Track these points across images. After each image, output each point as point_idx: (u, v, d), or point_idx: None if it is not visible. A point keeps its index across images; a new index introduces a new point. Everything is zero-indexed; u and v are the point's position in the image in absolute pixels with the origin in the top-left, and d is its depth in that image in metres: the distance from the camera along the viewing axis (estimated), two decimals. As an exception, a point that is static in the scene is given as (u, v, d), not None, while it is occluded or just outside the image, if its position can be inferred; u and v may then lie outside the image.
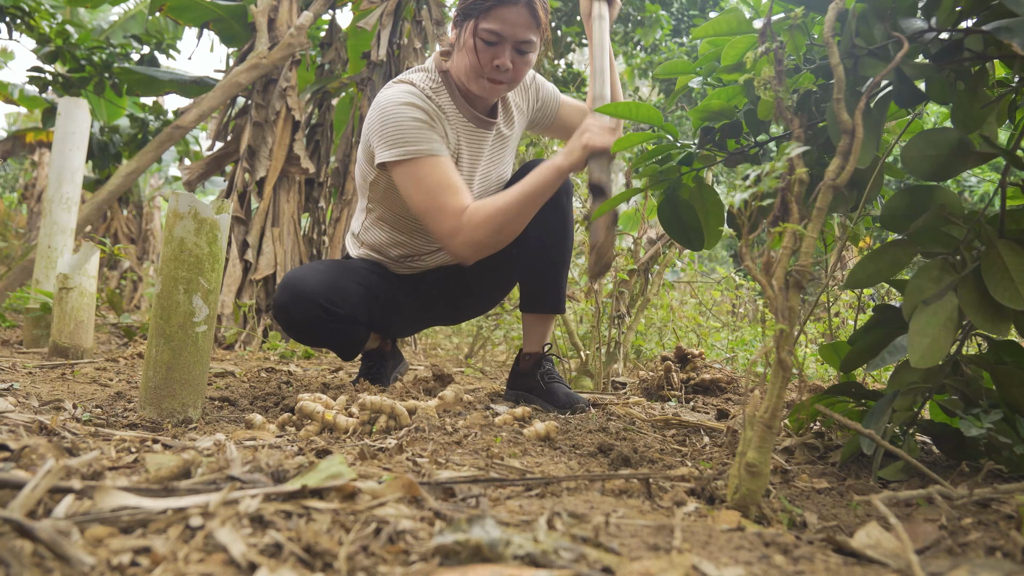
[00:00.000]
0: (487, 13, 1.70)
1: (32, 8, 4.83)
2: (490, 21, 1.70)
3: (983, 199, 6.58)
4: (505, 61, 1.74)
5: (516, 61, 1.76)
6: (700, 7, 9.01)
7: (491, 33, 1.71)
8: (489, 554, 0.60)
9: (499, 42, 1.73)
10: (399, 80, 1.84)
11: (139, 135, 6.12)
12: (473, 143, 1.92)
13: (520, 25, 1.71)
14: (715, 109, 1.37)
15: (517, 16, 1.70)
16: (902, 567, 0.70)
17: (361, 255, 2.11)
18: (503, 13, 1.69)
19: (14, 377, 2.02)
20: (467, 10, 1.75)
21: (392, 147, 1.74)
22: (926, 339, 1.10)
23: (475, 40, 1.73)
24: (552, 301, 2.02)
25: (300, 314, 1.86)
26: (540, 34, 1.76)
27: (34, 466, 0.78)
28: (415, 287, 2.10)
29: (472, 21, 1.73)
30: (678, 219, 1.50)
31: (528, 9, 1.71)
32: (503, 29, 1.71)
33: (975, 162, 1.16)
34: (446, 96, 1.87)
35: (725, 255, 13.00)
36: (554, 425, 1.41)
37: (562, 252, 1.98)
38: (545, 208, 1.90)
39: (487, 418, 1.45)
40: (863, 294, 2.64)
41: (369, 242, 2.07)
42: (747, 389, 1.13)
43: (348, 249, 2.19)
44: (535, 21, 1.73)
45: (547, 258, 1.97)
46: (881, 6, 1.12)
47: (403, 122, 1.74)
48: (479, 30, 1.72)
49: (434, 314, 2.21)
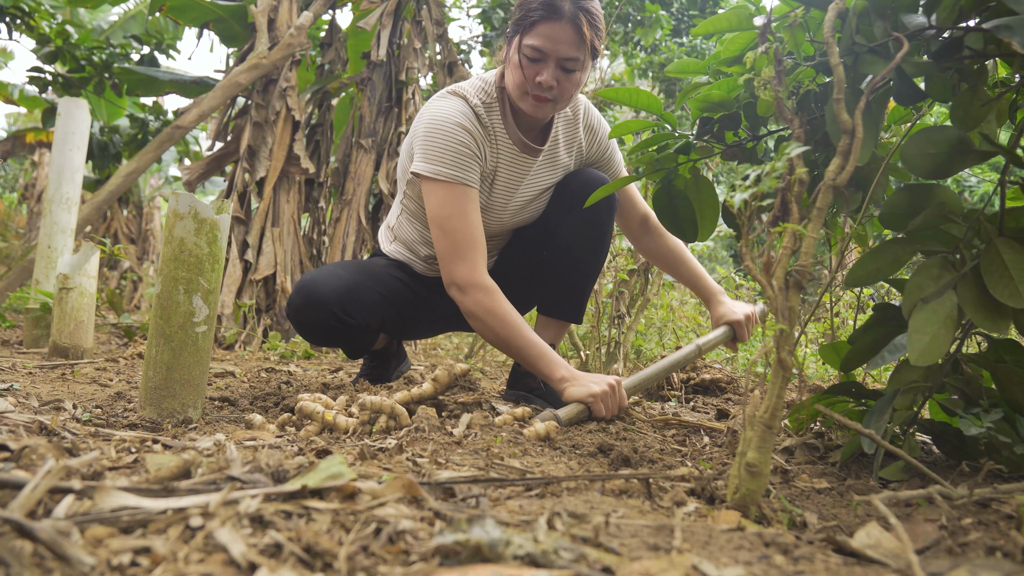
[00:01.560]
0: (531, 29, 1.69)
1: (32, 8, 4.83)
2: (533, 37, 1.69)
3: (983, 199, 6.57)
4: (548, 79, 1.71)
5: (560, 79, 1.73)
6: (700, 7, 9.01)
7: (534, 49, 1.69)
8: (489, 554, 0.60)
9: (542, 59, 1.70)
10: (455, 91, 1.82)
11: (139, 135, 6.12)
12: (513, 168, 1.90)
13: (563, 42, 1.68)
14: (715, 100, 1.37)
15: (561, 33, 1.68)
16: (902, 567, 0.70)
17: (393, 251, 2.10)
18: (546, 29, 1.67)
19: (14, 377, 2.02)
20: (515, 25, 1.74)
21: (429, 161, 1.74)
22: (925, 337, 1.09)
23: (520, 56, 1.72)
24: (571, 310, 2.02)
25: (311, 319, 1.86)
26: (588, 52, 1.73)
27: (34, 466, 0.78)
28: (439, 292, 2.09)
29: (518, 37, 1.72)
30: (673, 210, 1.50)
31: (572, 26, 1.68)
32: (546, 46, 1.68)
33: (975, 160, 1.16)
34: (497, 115, 1.85)
35: (725, 255, 13.00)
36: (554, 425, 1.41)
37: (592, 265, 1.97)
38: (583, 216, 1.90)
39: (487, 418, 1.45)
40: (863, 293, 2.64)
41: (402, 236, 2.07)
42: (747, 389, 1.13)
43: (380, 240, 2.18)
44: (580, 38, 1.69)
45: (576, 268, 1.97)
46: (882, 3, 1.12)
47: (447, 141, 1.74)
48: (523, 46, 1.70)
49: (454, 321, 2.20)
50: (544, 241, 1.98)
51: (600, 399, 1.60)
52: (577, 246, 1.93)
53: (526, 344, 1.68)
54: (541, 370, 1.67)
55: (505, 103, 1.86)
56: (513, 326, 1.68)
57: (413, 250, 2.06)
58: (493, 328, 1.69)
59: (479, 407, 1.70)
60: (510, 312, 1.69)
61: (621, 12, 7.44)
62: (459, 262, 1.71)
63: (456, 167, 1.73)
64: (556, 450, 1.30)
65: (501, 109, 1.86)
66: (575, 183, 1.95)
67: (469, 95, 1.81)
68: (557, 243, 1.94)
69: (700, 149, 1.44)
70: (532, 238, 2.02)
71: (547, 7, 1.67)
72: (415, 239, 2.03)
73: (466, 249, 1.71)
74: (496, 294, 1.70)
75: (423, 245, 2.03)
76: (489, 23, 7.34)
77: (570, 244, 1.93)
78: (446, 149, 1.73)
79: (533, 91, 1.74)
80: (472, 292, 1.70)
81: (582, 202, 1.91)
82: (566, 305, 2.00)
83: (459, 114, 1.76)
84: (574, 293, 1.99)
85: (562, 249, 1.94)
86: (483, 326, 1.71)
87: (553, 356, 1.68)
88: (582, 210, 1.89)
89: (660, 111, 1.40)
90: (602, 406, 1.60)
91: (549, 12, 1.67)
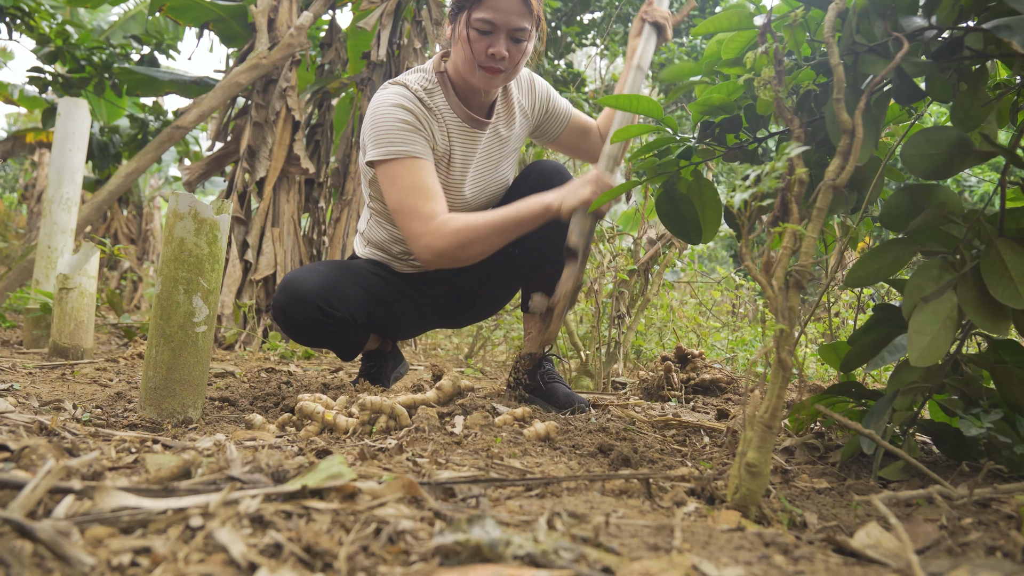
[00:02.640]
0: (480, 3, 1.73)
1: (32, 8, 4.83)
2: (482, 11, 1.72)
3: (983, 199, 6.58)
4: (500, 49, 1.75)
5: (511, 49, 1.78)
6: (700, 7, 9.00)
7: (484, 22, 1.73)
8: (489, 554, 0.60)
9: (493, 31, 1.74)
10: (394, 81, 1.87)
11: (139, 135, 6.13)
12: (466, 143, 1.94)
13: (513, 13, 1.73)
14: (715, 103, 1.37)
15: (509, 4, 1.72)
16: (902, 567, 0.70)
17: (367, 254, 2.12)
18: (495, 2, 1.72)
19: (14, 377, 2.02)
20: (460, 2, 1.77)
21: (377, 146, 1.78)
22: (925, 337, 1.09)
23: (468, 31, 1.75)
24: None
25: (297, 315, 1.86)
26: (534, 22, 1.77)
27: (34, 466, 0.78)
28: (418, 289, 2.10)
29: (465, 13, 1.75)
30: (676, 213, 1.50)
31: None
32: (496, 18, 1.73)
33: (975, 161, 1.16)
34: (440, 96, 1.89)
35: (725, 255, 13.00)
36: (554, 425, 1.41)
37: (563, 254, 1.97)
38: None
39: (487, 418, 1.45)
40: (863, 294, 2.64)
41: (373, 239, 2.09)
42: (747, 389, 1.13)
43: (356, 247, 2.20)
44: (528, 8, 1.74)
45: (551, 259, 1.96)
46: (882, 3, 1.12)
47: (389, 123, 1.78)
48: (472, 20, 1.74)
49: (436, 317, 2.21)
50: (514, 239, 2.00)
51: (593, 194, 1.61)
52: (547, 241, 1.94)
53: (504, 219, 1.68)
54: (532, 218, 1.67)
55: (447, 84, 1.90)
56: (483, 220, 1.69)
57: (386, 249, 2.08)
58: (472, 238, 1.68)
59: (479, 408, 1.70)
60: (469, 216, 1.70)
61: (621, 12, 7.43)
62: (413, 222, 1.72)
63: (400, 143, 1.76)
64: (556, 450, 1.30)
65: (444, 90, 1.90)
66: (532, 176, 1.99)
67: (409, 82, 1.86)
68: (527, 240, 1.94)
69: (701, 152, 1.44)
70: None
71: None
72: (386, 238, 2.06)
73: (418, 211, 1.72)
74: (449, 217, 1.70)
75: (394, 243, 2.05)
76: (489, 23, 7.32)
77: (540, 240, 1.94)
78: (388, 129, 1.77)
79: (485, 63, 1.78)
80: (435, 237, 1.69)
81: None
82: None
83: (397, 96, 1.81)
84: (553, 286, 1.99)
85: (534, 246, 1.95)
86: (466, 248, 1.70)
87: (528, 203, 1.68)
88: None
89: (661, 116, 1.40)
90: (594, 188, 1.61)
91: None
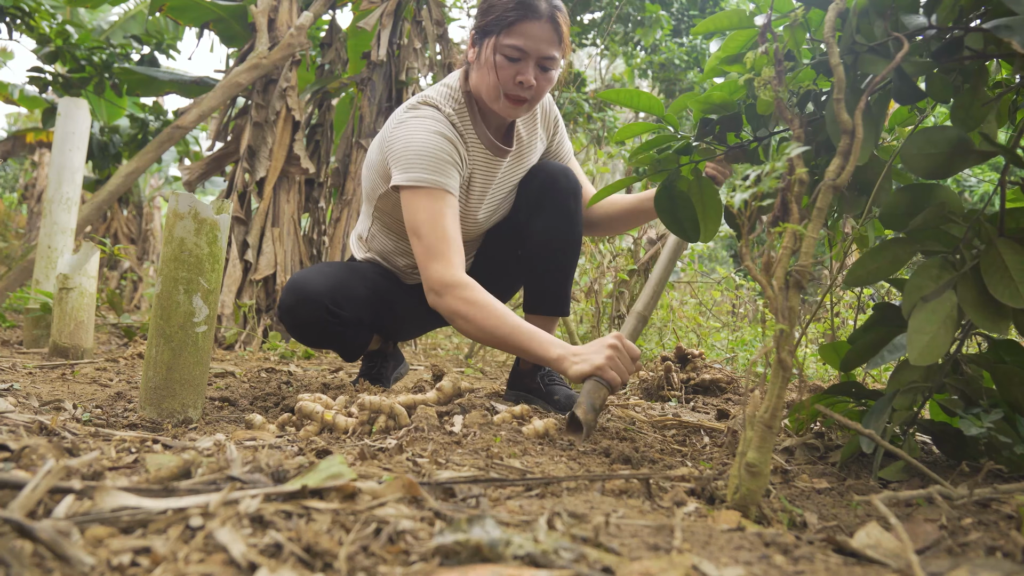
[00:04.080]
0: (509, 29, 1.67)
1: (32, 8, 4.83)
2: (513, 37, 1.67)
3: (983, 199, 6.58)
4: (528, 78, 1.69)
5: (539, 78, 1.72)
6: (700, 7, 9.00)
7: (514, 49, 1.67)
8: (489, 554, 0.60)
9: (522, 58, 1.69)
10: (426, 102, 1.79)
11: (139, 135, 6.13)
12: (487, 170, 1.90)
13: (544, 40, 1.68)
14: (716, 102, 1.37)
15: (540, 31, 1.66)
16: (902, 567, 0.70)
17: (367, 257, 2.10)
18: (526, 28, 1.66)
19: (14, 377, 2.02)
20: (487, 27, 1.71)
21: (410, 171, 1.70)
22: (925, 337, 1.09)
23: (496, 57, 1.69)
24: (556, 304, 2.00)
25: (305, 316, 1.86)
26: (562, 51, 1.72)
27: (34, 466, 0.78)
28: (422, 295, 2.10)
29: (493, 38, 1.69)
30: (675, 211, 1.50)
31: (551, 24, 1.67)
32: (526, 45, 1.67)
33: (975, 160, 1.16)
34: (467, 119, 1.83)
35: (725, 255, 13.00)
36: (553, 422, 1.41)
37: (568, 255, 1.96)
38: (552, 209, 1.89)
39: (485, 417, 1.45)
40: (863, 293, 2.64)
41: (376, 249, 2.07)
42: (747, 389, 1.13)
43: (353, 251, 2.18)
44: (558, 36, 1.69)
45: (552, 260, 1.96)
46: (882, 3, 1.12)
47: (429, 150, 1.70)
48: (501, 46, 1.68)
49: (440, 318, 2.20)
50: (517, 239, 1.97)
51: (609, 367, 1.45)
52: (552, 240, 1.92)
53: (513, 330, 1.57)
54: (535, 352, 1.55)
55: (473, 106, 1.84)
56: (497, 314, 1.59)
57: (390, 261, 2.06)
58: (477, 320, 1.60)
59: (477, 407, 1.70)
60: (491, 301, 1.61)
61: (621, 12, 7.43)
62: (434, 262, 1.66)
63: (436, 172, 1.70)
64: (556, 450, 1.30)
65: (470, 113, 1.84)
66: (539, 177, 1.95)
67: (440, 104, 1.79)
68: (531, 240, 1.93)
69: (702, 151, 1.44)
70: (505, 237, 2.02)
71: (525, 6, 1.66)
72: (391, 250, 2.03)
73: (441, 250, 1.66)
74: (474, 286, 1.63)
75: (399, 256, 2.03)
76: (489, 23, 7.32)
77: (544, 239, 1.92)
78: (426, 157, 1.70)
79: (512, 91, 1.72)
80: (448, 292, 1.63)
81: (549, 197, 1.92)
82: (550, 300, 1.99)
83: (436, 123, 1.74)
84: (556, 287, 1.98)
85: (537, 245, 1.93)
86: (467, 323, 1.62)
87: (544, 336, 1.57)
88: (550, 204, 1.89)
89: (661, 113, 1.40)
90: (614, 374, 1.45)
91: (528, 11, 1.66)
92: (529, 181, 1.98)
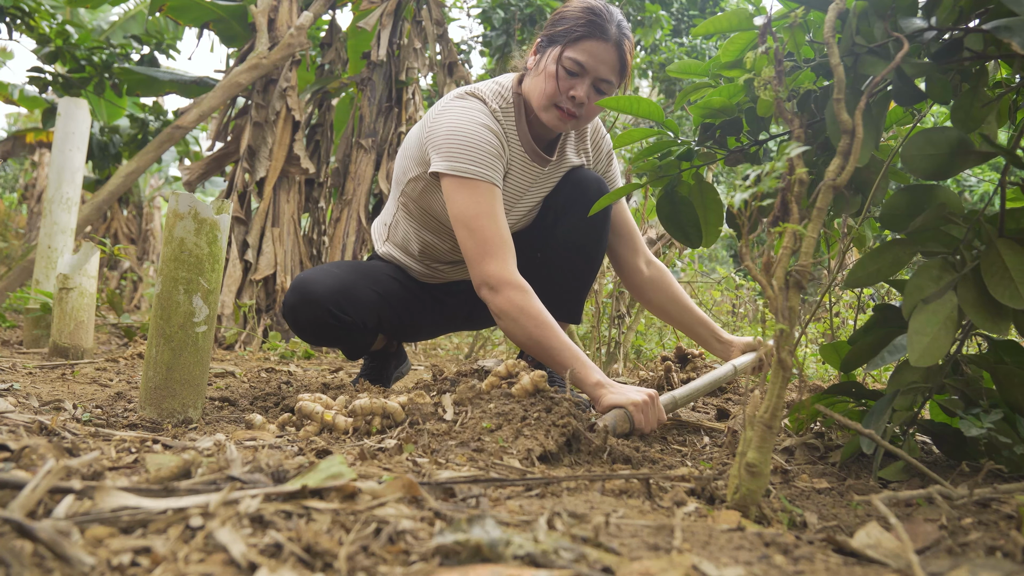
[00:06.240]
0: (576, 43, 1.68)
1: (32, 8, 4.83)
2: (577, 51, 1.68)
3: (983, 199, 6.58)
4: (581, 94, 1.70)
5: (591, 97, 1.73)
6: (700, 7, 9.01)
7: (575, 63, 1.68)
8: (489, 554, 0.60)
9: (581, 74, 1.70)
10: (472, 93, 1.79)
11: (139, 135, 6.13)
12: (523, 175, 1.89)
13: (605, 62, 1.69)
14: (716, 106, 1.37)
15: (605, 52, 1.68)
16: (902, 567, 0.70)
17: (386, 252, 2.08)
18: (592, 46, 1.67)
19: (14, 377, 2.02)
20: (555, 36, 1.72)
21: (454, 160, 1.68)
22: (925, 338, 1.09)
23: (557, 67, 1.70)
24: (569, 312, 1.99)
25: (307, 316, 1.85)
26: (620, 78, 1.73)
27: (34, 466, 0.78)
28: (435, 297, 2.07)
29: (558, 48, 1.70)
30: (677, 216, 1.50)
31: (617, 49, 1.69)
32: (588, 62, 1.68)
33: (975, 161, 1.16)
34: (512, 120, 1.83)
35: (725, 255, 13.00)
36: (539, 375, 1.38)
37: (589, 263, 1.94)
38: (578, 219, 1.88)
39: (473, 387, 1.43)
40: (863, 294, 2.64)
41: (396, 234, 2.04)
42: (747, 389, 1.13)
43: (374, 238, 2.16)
44: (620, 64, 1.70)
45: (573, 270, 1.94)
46: (882, 4, 1.12)
47: (475, 142, 1.69)
48: (563, 58, 1.69)
49: (450, 323, 2.18)
50: (539, 242, 1.96)
51: (641, 409, 1.46)
52: (574, 248, 1.92)
53: (561, 345, 1.57)
54: (577, 373, 1.55)
55: (521, 109, 1.84)
56: (548, 326, 1.59)
57: (406, 248, 2.03)
58: (526, 328, 1.59)
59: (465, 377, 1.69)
60: (544, 312, 1.61)
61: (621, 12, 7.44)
62: (489, 260, 1.64)
63: (483, 165, 1.69)
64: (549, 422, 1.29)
65: (516, 115, 1.84)
66: (571, 182, 1.94)
67: (487, 98, 1.79)
68: (553, 245, 1.93)
69: (702, 155, 1.44)
70: (527, 240, 2.02)
71: (594, 25, 1.67)
72: (409, 237, 2.01)
73: (496, 247, 1.64)
74: (530, 293, 1.62)
75: (416, 242, 2.00)
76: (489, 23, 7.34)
77: (567, 246, 1.92)
78: (472, 148, 1.69)
79: (564, 104, 1.72)
80: (504, 290, 1.62)
81: (577, 202, 1.90)
82: (564, 307, 1.98)
83: (483, 115, 1.74)
84: (572, 294, 1.97)
85: (559, 251, 1.92)
86: (515, 326, 1.61)
87: (588, 360, 1.57)
88: (579, 210, 1.88)
89: (661, 118, 1.39)
90: (643, 416, 1.46)
91: (596, 31, 1.67)
92: (561, 185, 1.96)
